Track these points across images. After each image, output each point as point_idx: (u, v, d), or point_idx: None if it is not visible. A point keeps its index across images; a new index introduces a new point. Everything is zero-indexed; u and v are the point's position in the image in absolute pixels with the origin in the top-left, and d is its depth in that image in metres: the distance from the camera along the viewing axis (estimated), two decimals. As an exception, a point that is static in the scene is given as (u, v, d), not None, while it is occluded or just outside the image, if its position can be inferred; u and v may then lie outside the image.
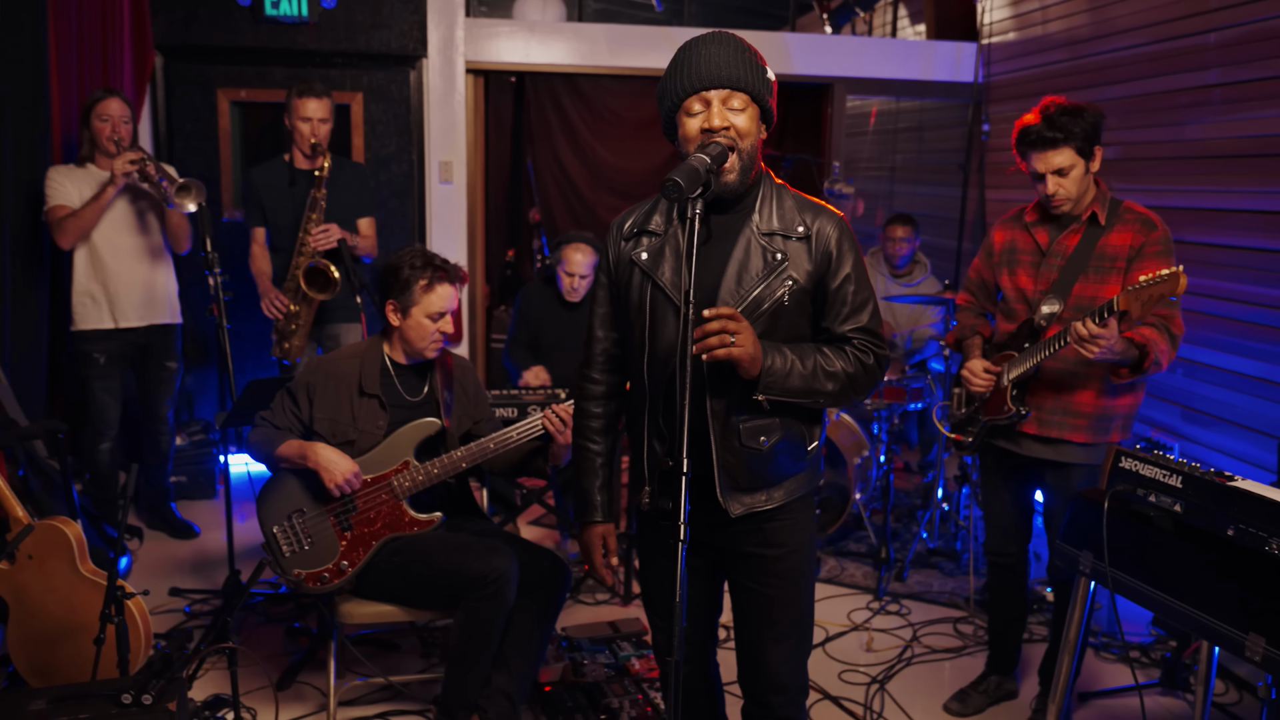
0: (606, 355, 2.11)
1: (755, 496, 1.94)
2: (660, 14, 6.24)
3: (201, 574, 3.88)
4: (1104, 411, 2.69)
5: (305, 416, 2.69)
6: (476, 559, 2.54)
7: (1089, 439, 2.69)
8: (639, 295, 1.94)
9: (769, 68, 1.89)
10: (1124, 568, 2.16)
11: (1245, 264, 3.81)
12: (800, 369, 1.82)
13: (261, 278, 4.05)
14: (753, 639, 2.03)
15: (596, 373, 2.13)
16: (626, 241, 1.99)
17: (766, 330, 1.87)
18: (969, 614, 3.69)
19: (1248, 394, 3.79)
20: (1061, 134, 2.57)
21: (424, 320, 2.68)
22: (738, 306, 1.84)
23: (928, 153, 6.49)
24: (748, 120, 1.83)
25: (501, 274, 6.72)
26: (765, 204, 1.90)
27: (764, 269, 1.86)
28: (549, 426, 2.65)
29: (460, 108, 5.26)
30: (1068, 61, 4.90)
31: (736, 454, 1.90)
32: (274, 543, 2.66)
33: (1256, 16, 3.73)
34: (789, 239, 1.88)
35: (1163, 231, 2.63)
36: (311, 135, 3.91)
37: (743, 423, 1.89)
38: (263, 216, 4.06)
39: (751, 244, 1.88)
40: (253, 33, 5.03)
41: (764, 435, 1.90)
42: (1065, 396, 2.70)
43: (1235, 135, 3.86)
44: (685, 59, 1.85)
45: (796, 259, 1.87)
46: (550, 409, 2.66)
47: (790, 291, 1.87)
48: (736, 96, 1.82)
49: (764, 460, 1.92)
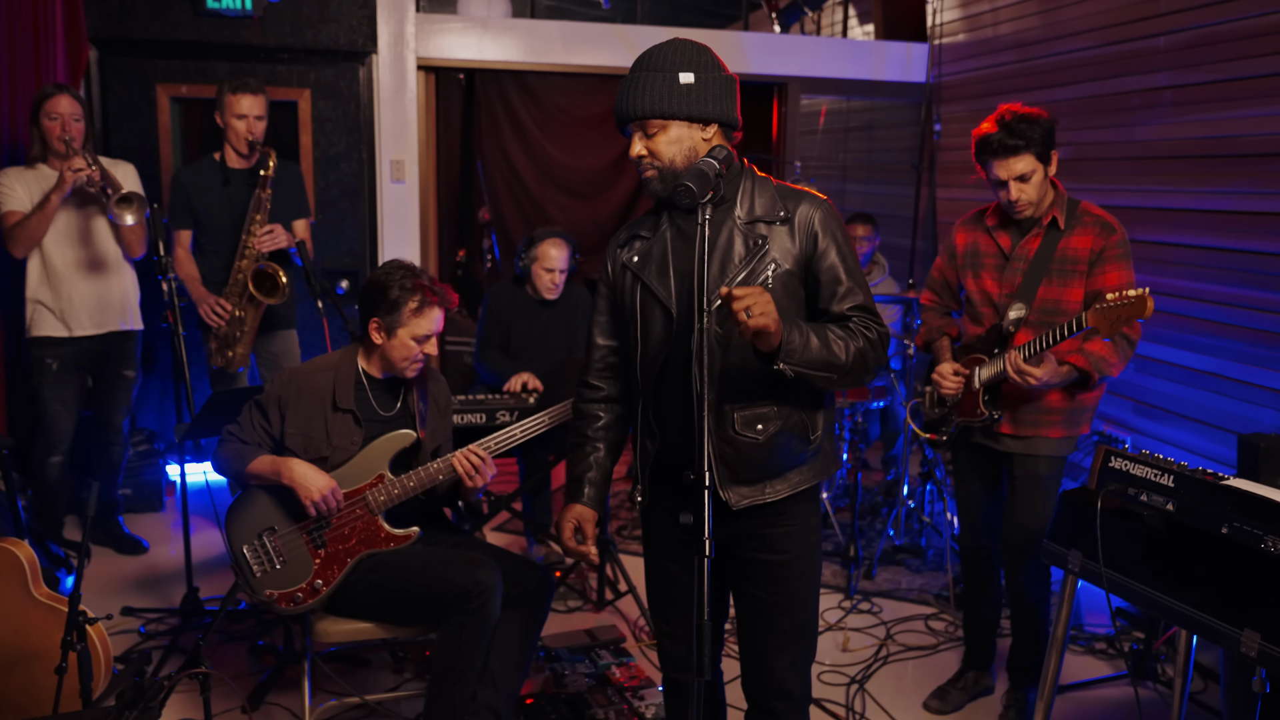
0: (605, 363, 2.11)
1: (756, 489, 1.93)
2: (607, 11, 6.19)
3: (154, 591, 3.72)
4: (1075, 404, 2.76)
5: (276, 431, 2.59)
6: (459, 573, 2.47)
7: (1064, 433, 2.77)
8: (630, 297, 1.97)
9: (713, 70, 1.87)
10: (1114, 566, 2.18)
11: (1195, 262, 3.92)
12: (815, 340, 1.80)
13: (193, 283, 3.85)
14: (757, 646, 2.01)
15: (594, 379, 2.12)
16: (621, 248, 2.01)
17: None
18: (939, 610, 3.73)
19: (1199, 389, 3.90)
20: (1022, 140, 2.61)
21: (409, 342, 2.59)
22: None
23: (878, 152, 6.56)
24: (665, 141, 1.86)
25: (453, 274, 6.61)
26: (746, 196, 1.92)
27: (746, 254, 1.88)
28: (459, 468, 2.56)
29: (412, 105, 5.15)
30: (1018, 63, 4.99)
31: (732, 443, 1.90)
32: (243, 563, 2.55)
33: (1205, 21, 3.83)
34: (771, 224, 1.90)
35: (1120, 235, 2.69)
36: (248, 133, 3.78)
37: (737, 410, 1.89)
38: (190, 218, 3.88)
39: (734, 233, 1.90)
40: (193, 26, 4.85)
41: (760, 424, 1.89)
42: (1036, 399, 2.75)
43: (1185, 136, 3.96)
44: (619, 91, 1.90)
45: (778, 242, 1.89)
46: (466, 450, 2.57)
47: (774, 274, 1.87)
48: (648, 124, 1.86)
49: (762, 450, 1.90)
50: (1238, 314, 3.71)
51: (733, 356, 1.88)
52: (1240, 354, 3.71)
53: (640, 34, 5.44)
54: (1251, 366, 3.67)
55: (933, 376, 2.93)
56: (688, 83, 1.85)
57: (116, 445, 4.05)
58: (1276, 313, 3.56)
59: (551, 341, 4.12)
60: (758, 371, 1.85)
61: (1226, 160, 3.77)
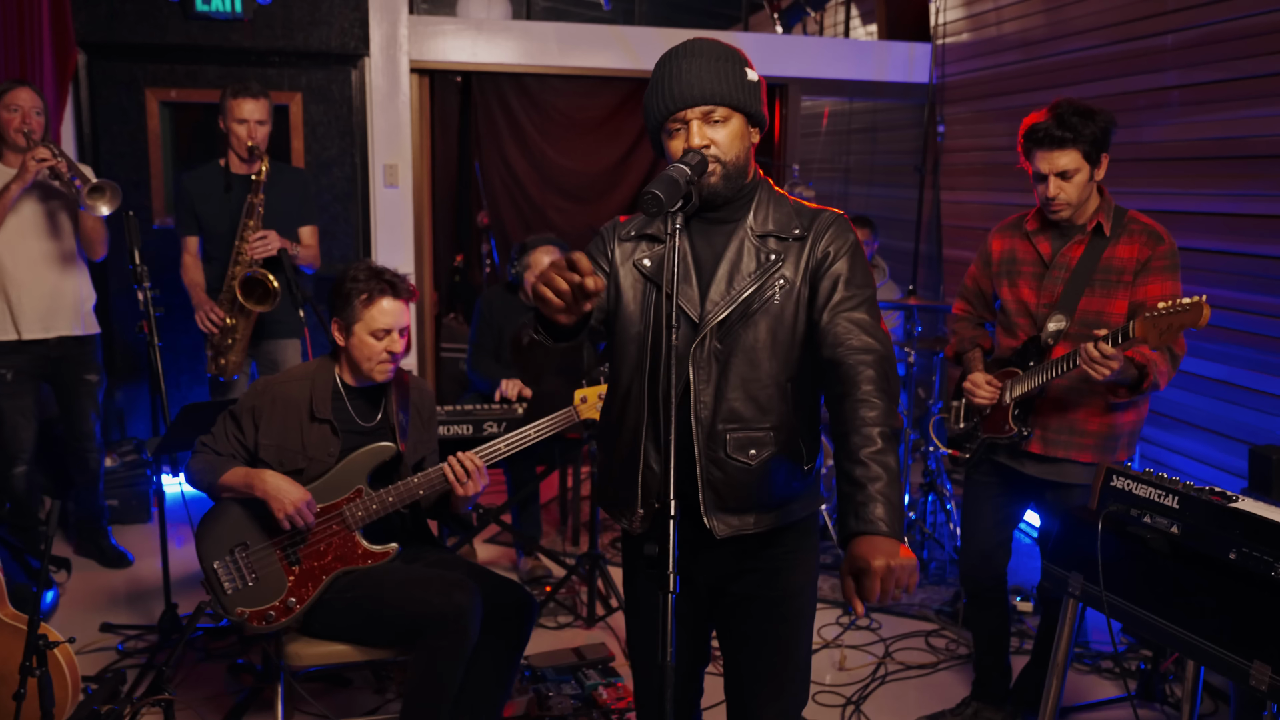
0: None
1: (743, 519, 1.80)
2: (608, 13, 6.11)
3: (136, 607, 3.64)
4: (1110, 430, 2.60)
5: (250, 443, 2.50)
6: (436, 595, 2.38)
7: (1095, 458, 2.59)
8: (639, 305, 1.82)
9: (753, 69, 1.77)
10: (1116, 590, 2.08)
11: (1205, 266, 3.80)
12: (893, 493, 1.54)
13: (195, 289, 3.82)
14: (745, 694, 1.89)
15: None
16: (625, 243, 1.86)
17: (761, 333, 1.75)
18: (940, 626, 3.62)
19: (1208, 397, 3.78)
20: (1070, 134, 2.47)
21: (367, 339, 2.50)
22: (727, 308, 1.75)
23: (881, 154, 6.45)
24: (729, 135, 1.73)
25: (450, 280, 6.52)
26: (761, 207, 1.80)
27: (756, 269, 1.76)
28: (449, 475, 2.46)
29: (405, 109, 5.07)
30: (1023, 63, 4.88)
31: (723, 467, 1.77)
32: (214, 579, 2.47)
33: (1214, 18, 3.71)
34: (784, 240, 1.78)
35: (1169, 245, 2.54)
36: (248, 138, 3.71)
37: (730, 432, 1.76)
38: (196, 225, 3.84)
39: (745, 244, 1.78)
40: (182, 29, 4.78)
41: (753, 448, 1.77)
42: (1070, 415, 2.60)
43: (1194, 137, 3.84)
44: (661, 77, 1.75)
45: (790, 259, 1.77)
46: (455, 456, 2.47)
47: (781, 291, 1.76)
48: (715, 111, 1.72)
49: (753, 476, 1.77)
50: (1249, 320, 3.60)
51: (731, 374, 1.76)
52: (1251, 361, 3.60)
53: (638, 35, 5.35)
54: (1263, 374, 3.55)
55: (964, 386, 2.80)
56: (753, 80, 1.75)
57: (91, 453, 3.95)
58: (1290, 319, 3.45)
59: (543, 348, 4.03)
60: (756, 392, 1.75)
61: (1236, 161, 3.66)
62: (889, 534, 1.50)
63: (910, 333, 4.26)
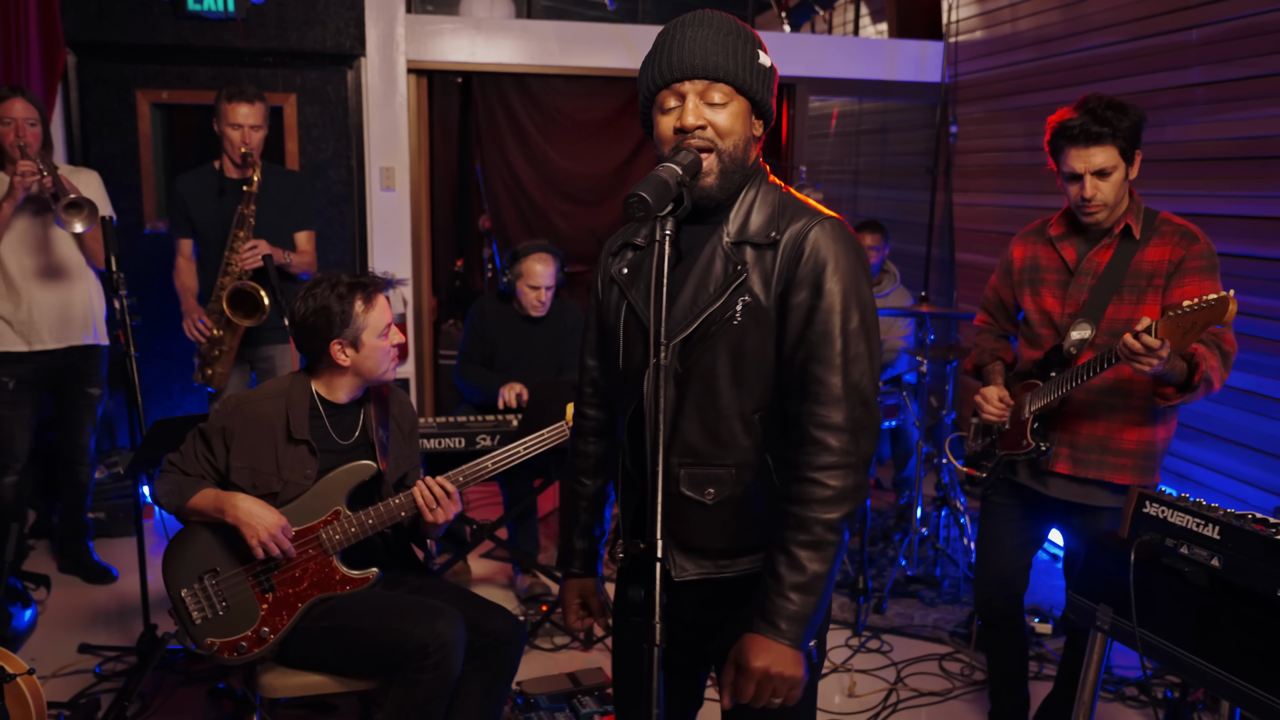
0: (595, 386, 1.81)
1: (706, 562, 1.60)
2: (613, 12, 5.96)
3: (118, 626, 3.51)
4: (1148, 447, 2.40)
5: (220, 464, 2.36)
6: (417, 624, 2.23)
7: (1134, 480, 2.39)
8: (614, 315, 1.66)
9: (766, 54, 1.56)
10: (1148, 625, 1.92)
11: (1232, 271, 3.61)
12: (808, 597, 1.44)
13: (186, 294, 3.73)
14: None
15: (588, 407, 1.82)
16: (613, 258, 1.69)
17: (720, 358, 1.52)
18: (955, 649, 3.45)
19: (1235, 408, 3.61)
20: (1108, 129, 2.29)
21: (377, 342, 2.39)
22: (688, 326, 1.52)
23: (891, 155, 6.29)
24: (730, 117, 1.51)
25: (450, 285, 6.39)
26: (743, 208, 1.55)
27: (721, 282, 1.52)
28: (418, 500, 2.33)
29: (402, 110, 4.93)
30: (1038, 60, 4.71)
31: (677, 504, 1.57)
32: (182, 608, 2.32)
33: (1241, 12, 3.55)
34: (758, 247, 1.53)
35: (1205, 244, 2.36)
36: (242, 143, 3.59)
37: (685, 466, 1.56)
38: (190, 228, 3.72)
39: (716, 253, 1.54)
40: (174, 29, 4.66)
41: (711, 486, 1.55)
42: (1103, 432, 2.41)
43: (1219, 137, 3.67)
44: (660, 44, 1.54)
45: (759, 269, 1.52)
46: (424, 480, 2.34)
47: (744, 311, 1.51)
48: (716, 89, 1.50)
49: (709, 517, 1.57)
50: (1278, 327, 3.42)
51: (687, 402, 1.54)
52: (1278, 370, 3.43)
53: (641, 34, 5.20)
54: (1293, 385, 3.38)
55: (975, 399, 2.64)
56: (765, 65, 1.55)
57: (83, 466, 3.85)
58: (1321, 327, 3.28)
59: (538, 359, 3.89)
60: (713, 424, 1.54)
61: (1265, 162, 3.48)
62: (787, 642, 1.44)
63: (922, 341, 4.10)
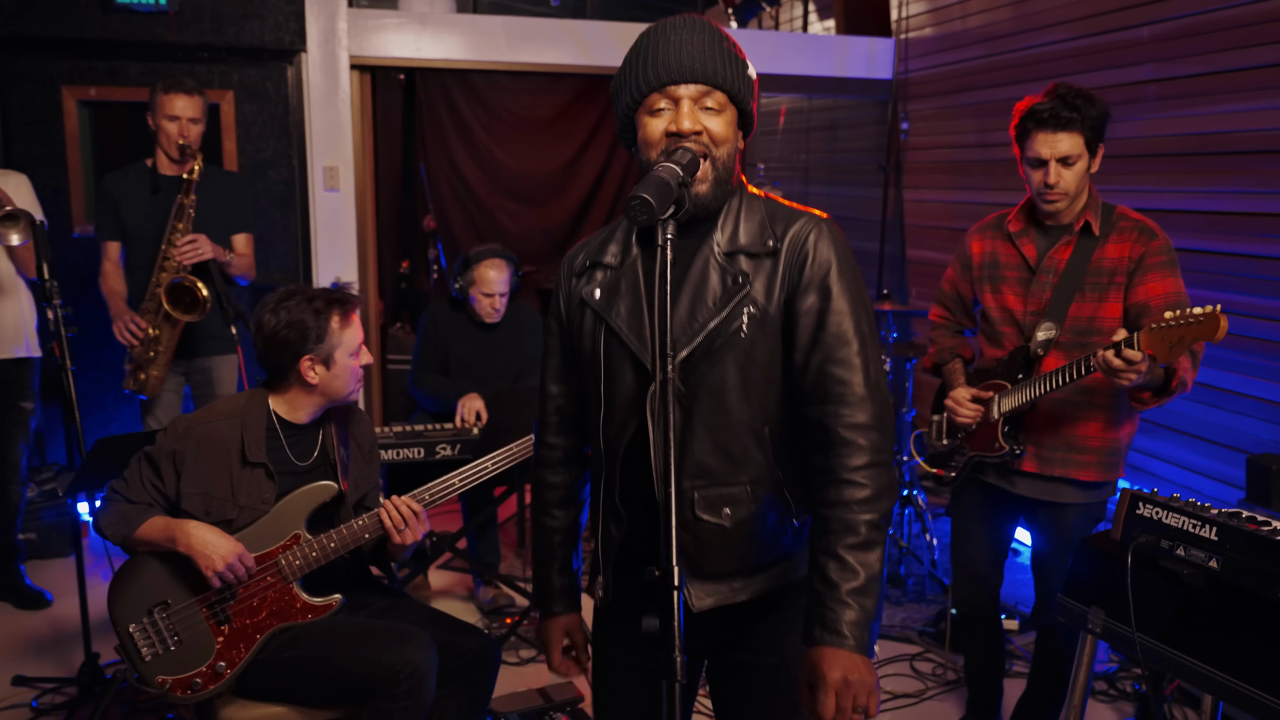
0: (561, 414, 1.72)
1: (728, 585, 1.55)
2: (556, 8, 5.85)
3: (55, 655, 3.32)
4: (1113, 445, 2.41)
5: (170, 491, 2.21)
6: (386, 651, 2.11)
7: (1097, 476, 2.41)
8: (591, 342, 1.57)
9: (751, 67, 1.53)
10: (1143, 628, 1.89)
11: (1186, 266, 3.63)
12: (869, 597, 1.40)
13: (114, 298, 3.51)
14: None
15: (551, 435, 1.73)
16: (578, 278, 1.61)
17: (729, 372, 1.49)
18: (925, 649, 3.43)
19: (1197, 402, 3.65)
20: (1076, 116, 2.31)
21: (348, 361, 2.27)
22: (690, 343, 1.47)
23: (841, 152, 6.29)
24: (724, 125, 1.48)
25: (395, 287, 6.23)
26: (730, 218, 1.52)
27: (721, 295, 1.48)
28: (385, 521, 2.23)
29: (345, 107, 4.77)
30: (989, 57, 4.73)
31: (691, 529, 1.52)
32: (130, 645, 2.16)
33: (1191, 10, 3.58)
34: (754, 256, 1.50)
35: (1164, 240, 2.38)
36: (180, 136, 3.41)
37: (699, 489, 1.51)
38: (118, 229, 3.52)
39: (709, 266, 1.50)
40: (101, 23, 4.43)
41: (727, 506, 1.51)
42: (1067, 431, 2.42)
43: (1172, 133, 3.71)
44: (649, 46, 1.48)
45: (761, 279, 1.49)
46: (390, 500, 2.23)
47: (751, 321, 1.48)
48: (712, 95, 1.46)
49: (729, 539, 1.53)
50: (1233, 322, 3.45)
51: (695, 421, 1.49)
52: (1236, 364, 3.47)
53: (590, 30, 5.10)
54: (1247, 377, 3.43)
55: (945, 403, 2.61)
56: (751, 76, 1.52)
57: (14, 485, 3.65)
58: (1276, 320, 3.32)
59: (494, 367, 3.77)
60: (726, 441, 1.50)
61: (1217, 158, 3.53)
62: (855, 648, 1.39)
63: (884, 339, 4.08)
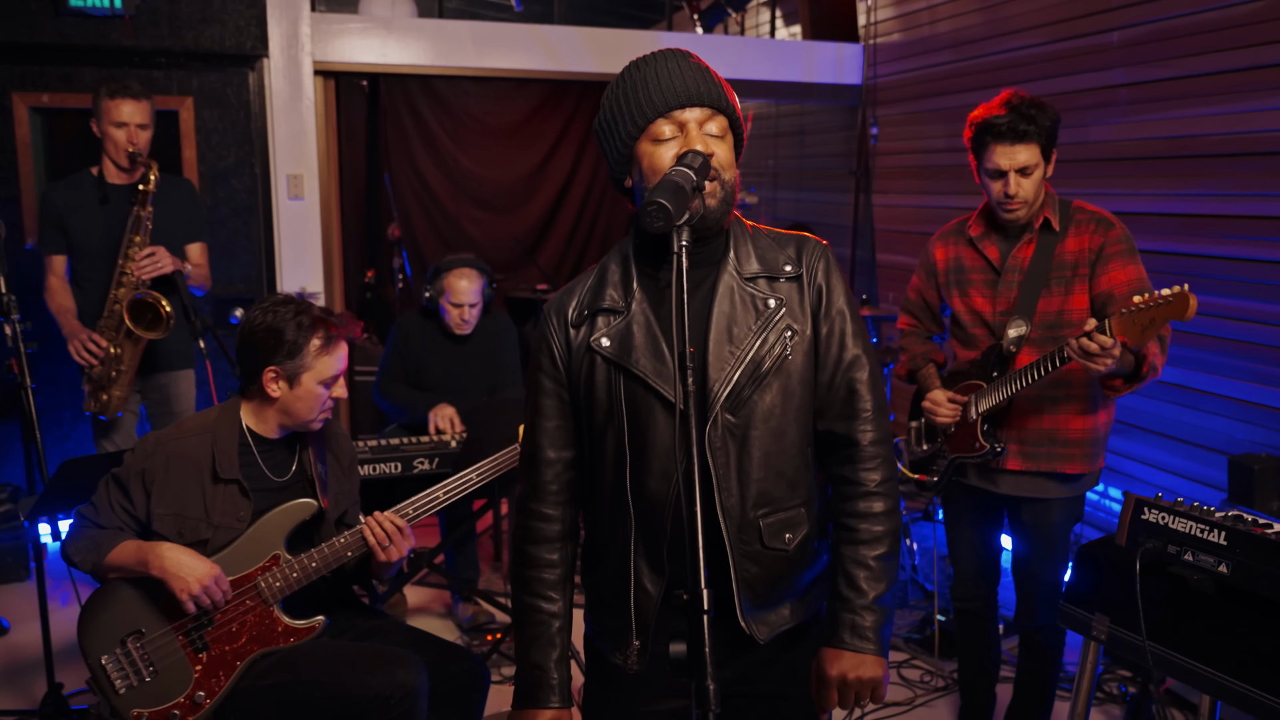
0: (562, 482, 1.59)
1: (779, 613, 1.54)
2: (520, 14, 5.79)
3: (15, 686, 3.17)
4: (1091, 435, 2.43)
5: (141, 513, 2.11)
6: (375, 675, 2.03)
7: (1082, 468, 2.43)
8: (608, 393, 1.49)
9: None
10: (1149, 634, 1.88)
11: (1156, 268, 3.67)
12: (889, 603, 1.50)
13: (65, 316, 3.35)
14: None
15: (549, 507, 1.59)
16: (575, 329, 1.53)
17: (776, 396, 1.48)
18: (911, 655, 3.41)
19: (1169, 402, 3.69)
20: (1033, 126, 2.32)
21: (316, 389, 2.17)
22: (734, 371, 1.45)
23: (810, 157, 6.29)
24: (727, 150, 1.48)
25: (361, 297, 6.11)
26: (740, 244, 1.53)
27: (757, 321, 1.48)
28: (369, 539, 2.15)
29: (309, 114, 4.66)
30: (958, 62, 4.76)
31: (759, 560, 1.50)
32: (102, 677, 2.06)
33: (1160, 15, 3.62)
34: (777, 280, 1.51)
35: (1121, 229, 2.42)
36: (129, 143, 3.29)
37: (763, 518, 1.49)
38: (64, 242, 3.37)
39: (735, 292, 1.49)
40: (54, 27, 4.28)
41: (789, 531, 1.51)
42: (1048, 424, 2.43)
43: (1142, 137, 3.75)
44: (645, 76, 1.45)
45: (792, 304, 1.51)
46: (373, 516, 2.16)
47: (793, 344, 1.50)
48: (716, 120, 1.46)
49: (789, 564, 1.52)
50: (1205, 323, 3.50)
51: (753, 449, 1.47)
52: (1208, 365, 3.51)
53: (557, 35, 5.05)
54: (1220, 378, 3.46)
55: (924, 406, 2.60)
56: (741, 109, 1.54)
57: None
58: (1246, 320, 3.35)
59: (469, 379, 3.69)
60: (783, 466, 1.49)
61: (1187, 161, 3.57)
62: (877, 652, 1.48)
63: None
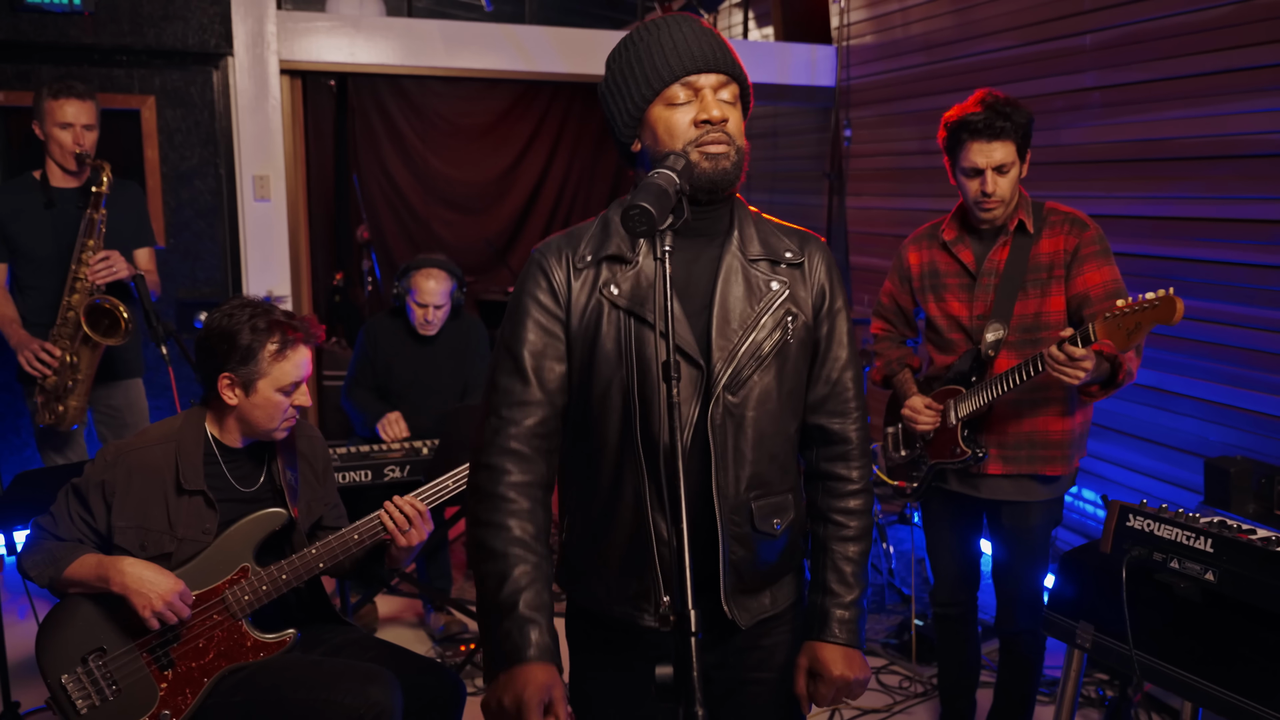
0: (547, 429, 1.45)
1: (759, 600, 1.53)
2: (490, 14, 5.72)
3: (-33, 703, 3.06)
4: (1069, 436, 2.42)
5: (101, 525, 2.03)
6: (347, 692, 1.97)
7: (1063, 470, 2.42)
8: (615, 343, 1.43)
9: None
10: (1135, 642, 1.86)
11: (1129, 270, 3.66)
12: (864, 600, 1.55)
13: (10, 326, 3.21)
14: None
15: (528, 446, 1.43)
16: (583, 270, 1.46)
17: (771, 380, 1.46)
18: (890, 661, 3.40)
19: (1144, 405, 3.70)
20: (1009, 124, 2.31)
21: (274, 396, 2.08)
22: (735, 351, 1.43)
23: (782, 159, 6.28)
24: (739, 118, 1.45)
25: (330, 300, 6.01)
26: (745, 224, 1.51)
27: (760, 303, 1.47)
28: (387, 524, 2.11)
29: (275, 114, 4.57)
30: (931, 64, 4.76)
31: (747, 543, 1.49)
32: (63, 698, 1.98)
33: (1133, 18, 3.64)
34: (779, 264, 1.50)
35: (1095, 229, 2.41)
36: (75, 144, 3.19)
37: (755, 500, 1.48)
38: (5, 249, 3.26)
39: (737, 269, 1.47)
40: (10, 23, 4.16)
41: (778, 517, 1.50)
42: (1027, 427, 2.42)
43: (1115, 140, 3.76)
44: (660, 39, 1.41)
45: (795, 289, 1.51)
46: (392, 501, 2.11)
47: (794, 329, 1.49)
48: (729, 87, 1.43)
49: (775, 549, 1.52)
50: (1178, 325, 3.48)
51: (749, 430, 1.45)
52: (1181, 367, 3.52)
53: (529, 34, 4.99)
54: (1193, 380, 3.48)
55: (903, 414, 2.58)
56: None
57: None
58: (1218, 323, 3.37)
59: (439, 382, 3.62)
60: (776, 450, 1.48)
61: (1161, 164, 3.58)
62: (857, 646, 1.52)
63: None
